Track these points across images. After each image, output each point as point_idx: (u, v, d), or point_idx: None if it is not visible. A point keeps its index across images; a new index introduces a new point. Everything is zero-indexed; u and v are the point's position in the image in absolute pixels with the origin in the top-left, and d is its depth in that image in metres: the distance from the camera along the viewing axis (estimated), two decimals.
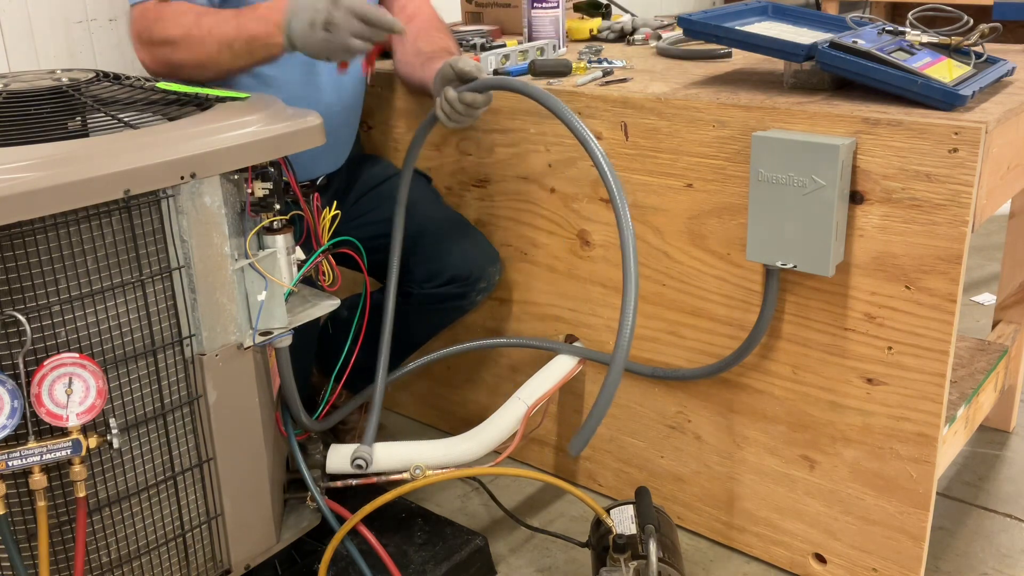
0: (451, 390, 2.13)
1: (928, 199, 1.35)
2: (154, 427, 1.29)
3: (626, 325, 1.37)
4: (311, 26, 1.45)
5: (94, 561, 1.27)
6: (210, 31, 1.51)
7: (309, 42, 1.47)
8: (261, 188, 1.32)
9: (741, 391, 1.64)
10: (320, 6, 1.45)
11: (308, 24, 1.46)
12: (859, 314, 1.46)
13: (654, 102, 1.58)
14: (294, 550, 1.59)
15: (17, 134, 1.18)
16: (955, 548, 1.75)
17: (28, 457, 1.15)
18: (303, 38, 1.47)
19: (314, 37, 1.46)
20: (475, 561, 1.68)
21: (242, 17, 1.51)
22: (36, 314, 1.15)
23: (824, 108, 1.42)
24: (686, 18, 1.59)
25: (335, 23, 1.44)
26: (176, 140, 1.22)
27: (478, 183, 1.89)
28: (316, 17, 1.45)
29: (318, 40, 1.47)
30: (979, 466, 2.00)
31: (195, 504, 1.37)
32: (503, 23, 2.31)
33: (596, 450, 1.90)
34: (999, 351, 1.92)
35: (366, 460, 1.59)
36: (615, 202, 1.38)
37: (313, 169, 1.78)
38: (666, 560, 1.44)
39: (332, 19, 1.44)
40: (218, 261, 1.30)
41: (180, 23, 1.52)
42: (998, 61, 1.56)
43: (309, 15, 1.46)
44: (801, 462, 1.60)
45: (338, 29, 1.45)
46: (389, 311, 1.70)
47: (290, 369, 1.47)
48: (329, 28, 1.45)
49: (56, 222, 1.14)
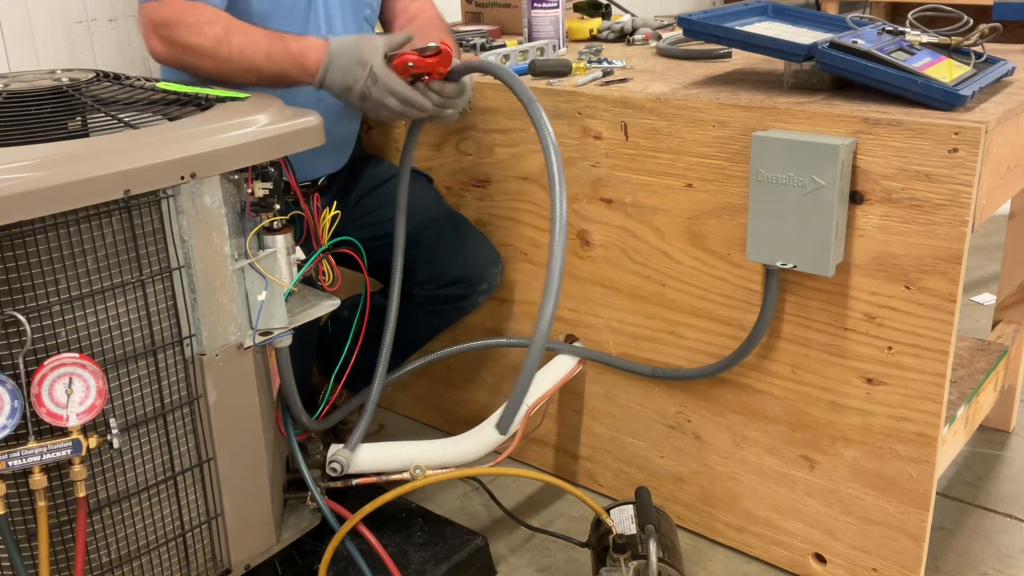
0: (451, 390, 2.13)
1: (928, 199, 1.35)
2: (154, 427, 1.29)
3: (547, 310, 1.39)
4: (347, 91, 1.50)
5: (94, 561, 1.27)
6: (241, 52, 1.49)
7: (344, 100, 1.53)
8: (261, 188, 1.32)
9: (741, 391, 1.64)
10: (359, 78, 1.48)
11: (345, 89, 1.50)
12: (859, 314, 1.46)
13: (654, 102, 1.58)
14: (294, 550, 1.59)
15: (17, 134, 1.18)
16: (955, 548, 1.75)
17: (28, 457, 1.15)
18: (340, 96, 1.51)
19: (348, 99, 1.51)
20: (475, 561, 1.68)
21: (274, 48, 1.50)
22: (36, 314, 1.15)
23: (824, 108, 1.42)
24: (686, 18, 1.59)
25: (371, 98, 1.49)
26: (176, 140, 1.21)
27: (478, 183, 1.89)
28: (353, 86, 1.49)
29: (354, 104, 1.52)
30: (979, 466, 2.00)
31: (195, 504, 1.37)
32: (503, 23, 2.31)
33: (596, 450, 1.90)
34: (999, 351, 1.92)
35: (341, 464, 1.56)
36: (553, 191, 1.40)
37: (314, 169, 1.78)
38: (666, 560, 1.44)
39: (368, 94, 1.49)
40: (218, 261, 1.30)
41: (207, 34, 1.49)
42: (998, 61, 1.56)
43: (346, 81, 1.49)
44: (801, 462, 1.60)
45: (372, 103, 1.50)
46: (392, 315, 1.70)
47: (290, 369, 1.47)
48: (364, 100, 1.50)
49: (56, 222, 1.14)
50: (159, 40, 1.53)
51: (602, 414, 1.86)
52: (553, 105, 1.70)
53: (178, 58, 1.54)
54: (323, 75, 1.49)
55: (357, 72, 1.48)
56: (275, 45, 1.50)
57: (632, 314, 1.74)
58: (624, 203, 1.68)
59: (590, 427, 1.89)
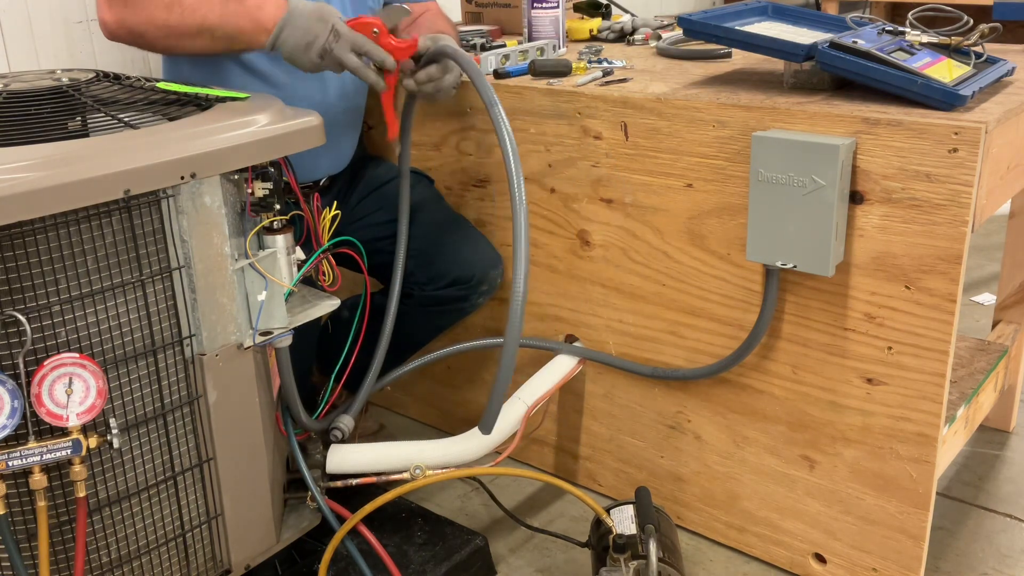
0: (451, 390, 2.13)
1: (928, 199, 1.35)
2: (154, 427, 1.29)
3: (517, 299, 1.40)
4: (306, 47, 1.48)
5: (94, 561, 1.27)
6: (193, 11, 1.47)
7: (297, 58, 1.50)
8: (261, 188, 1.32)
9: (741, 391, 1.64)
10: (320, 33, 1.47)
11: (303, 45, 1.48)
12: (859, 314, 1.46)
13: (654, 102, 1.58)
14: (294, 550, 1.59)
15: (17, 134, 1.18)
16: (955, 548, 1.75)
17: (28, 457, 1.15)
18: (293, 53, 1.49)
19: (305, 56, 1.49)
20: (475, 561, 1.68)
21: (229, 5, 1.48)
22: (36, 314, 1.15)
23: (824, 108, 1.42)
24: (686, 18, 1.59)
25: (331, 53, 1.48)
26: (176, 140, 1.21)
27: (478, 183, 1.89)
28: (314, 42, 1.47)
29: (308, 60, 1.50)
30: (979, 466, 2.00)
31: (195, 504, 1.37)
32: (503, 23, 2.31)
33: (596, 450, 1.90)
34: (999, 351, 1.92)
35: (342, 431, 1.62)
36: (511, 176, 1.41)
37: (317, 170, 1.79)
38: (666, 560, 1.44)
39: (330, 49, 1.48)
40: (218, 261, 1.30)
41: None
42: (998, 61, 1.56)
43: (306, 37, 1.47)
44: (801, 462, 1.60)
45: (332, 58, 1.49)
46: (390, 316, 1.70)
47: (290, 369, 1.47)
48: (324, 56, 1.48)
49: (56, 222, 1.14)
50: (107, 5, 1.51)
51: (602, 414, 1.86)
52: (553, 105, 1.70)
53: (121, 20, 1.50)
54: (279, 31, 1.47)
55: (317, 28, 1.47)
56: (230, 3, 1.48)
57: (632, 314, 1.74)
58: (624, 203, 1.68)
59: (590, 427, 1.89)
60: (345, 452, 1.62)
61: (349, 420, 1.65)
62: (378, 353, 1.70)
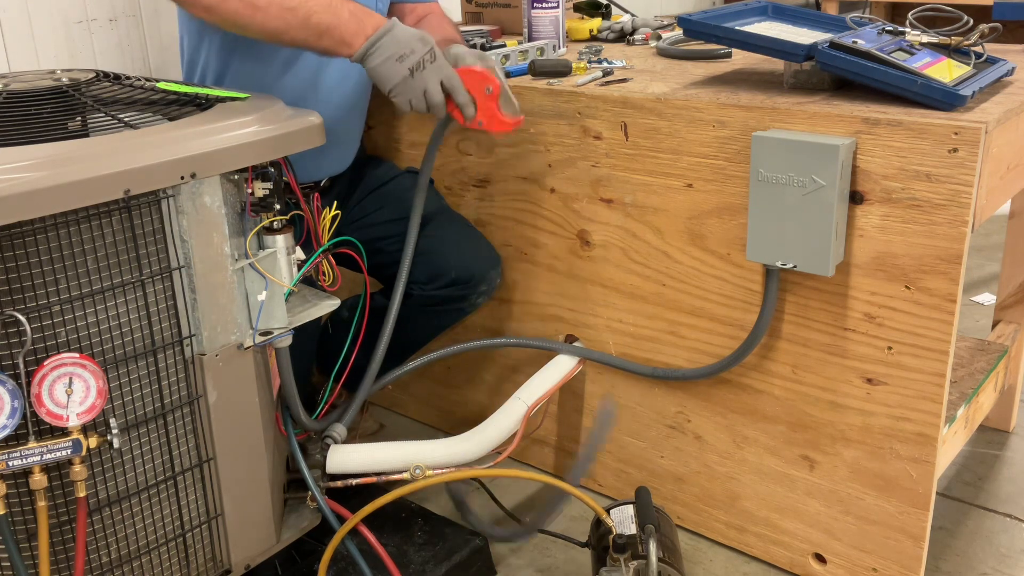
0: (451, 390, 2.13)
1: (928, 199, 1.35)
2: (154, 427, 1.29)
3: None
4: (400, 59, 1.47)
5: (94, 561, 1.27)
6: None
7: (385, 70, 1.48)
8: (261, 188, 1.32)
9: (741, 391, 1.64)
10: (417, 51, 1.46)
11: (397, 55, 1.47)
12: (859, 314, 1.46)
13: (654, 102, 1.58)
14: (294, 550, 1.59)
15: (17, 134, 1.18)
16: (955, 548, 1.75)
17: (28, 457, 1.15)
18: (384, 62, 1.47)
19: (395, 68, 1.47)
20: (475, 561, 1.68)
21: (335, 1, 1.47)
22: (36, 314, 1.15)
23: (824, 108, 1.42)
24: (686, 18, 1.59)
25: (420, 74, 1.47)
26: (176, 140, 1.21)
27: (478, 183, 1.89)
28: (410, 56, 1.46)
29: (396, 72, 1.47)
30: (979, 466, 2.00)
31: (195, 504, 1.37)
32: (503, 23, 2.31)
33: None
34: (999, 351, 1.92)
35: (335, 440, 1.62)
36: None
37: (319, 171, 1.78)
38: (666, 560, 1.44)
39: (421, 67, 1.47)
40: (218, 261, 1.30)
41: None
42: (998, 61, 1.56)
43: (403, 49, 1.46)
44: (801, 462, 1.60)
45: (418, 80, 1.47)
46: (391, 317, 1.70)
47: (290, 369, 1.47)
48: (414, 74, 1.47)
49: (56, 222, 1.14)
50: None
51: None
52: (553, 105, 1.70)
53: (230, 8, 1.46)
54: (379, 36, 1.46)
55: (416, 45, 1.46)
56: (340, 4, 1.47)
57: (632, 314, 1.74)
58: (624, 203, 1.68)
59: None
60: (345, 452, 1.62)
61: (342, 429, 1.64)
62: (377, 353, 1.70)
